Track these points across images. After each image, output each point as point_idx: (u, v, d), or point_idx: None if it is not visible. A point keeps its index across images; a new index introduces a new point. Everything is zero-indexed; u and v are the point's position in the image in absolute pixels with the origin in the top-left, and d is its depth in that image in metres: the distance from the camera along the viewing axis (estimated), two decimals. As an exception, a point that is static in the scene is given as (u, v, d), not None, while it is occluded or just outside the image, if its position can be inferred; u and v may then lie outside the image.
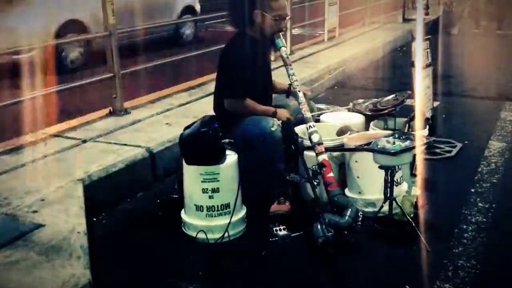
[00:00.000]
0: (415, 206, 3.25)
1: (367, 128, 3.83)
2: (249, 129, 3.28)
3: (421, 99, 3.83)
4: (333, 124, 3.75)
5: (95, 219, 3.31)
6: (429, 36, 4.56)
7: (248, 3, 3.39)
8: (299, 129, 3.46)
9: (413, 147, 3.04)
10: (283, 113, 3.47)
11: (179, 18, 9.50)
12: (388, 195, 3.05)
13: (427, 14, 11.57)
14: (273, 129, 3.22)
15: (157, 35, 8.84)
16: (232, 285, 2.73)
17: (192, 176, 3.12)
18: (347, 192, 3.36)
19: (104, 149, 3.86)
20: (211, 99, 3.70)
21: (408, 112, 3.88)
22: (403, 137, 3.11)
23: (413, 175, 3.57)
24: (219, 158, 3.09)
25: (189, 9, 9.76)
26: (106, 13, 4.57)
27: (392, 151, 2.95)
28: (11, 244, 2.67)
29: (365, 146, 3.12)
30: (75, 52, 7.48)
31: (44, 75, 6.29)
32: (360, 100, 4.17)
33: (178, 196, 3.34)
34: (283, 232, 3.06)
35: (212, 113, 3.55)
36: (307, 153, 3.31)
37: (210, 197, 3.09)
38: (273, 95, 3.75)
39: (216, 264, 2.87)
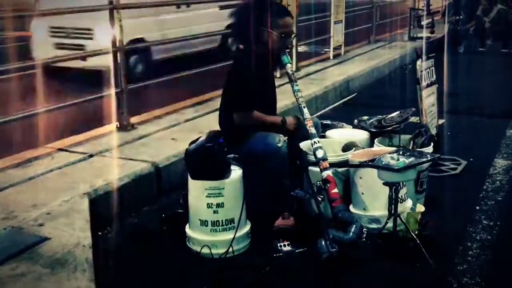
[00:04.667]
0: (420, 223, 3.24)
1: (371, 144, 3.84)
2: (256, 144, 3.31)
3: (425, 116, 3.86)
4: (338, 140, 3.77)
5: (100, 233, 3.32)
6: (434, 54, 4.59)
7: (254, 20, 3.44)
8: (304, 145, 3.48)
9: (418, 164, 3.05)
10: (292, 121, 3.49)
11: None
12: (393, 211, 3.05)
13: (432, 32, 11.63)
14: (279, 145, 3.24)
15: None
16: (236, 300, 2.73)
17: (197, 191, 3.14)
18: (351, 208, 3.36)
19: (110, 164, 3.88)
20: (216, 114, 3.73)
21: (412, 129, 3.89)
22: (408, 153, 3.13)
23: (417, 192, 3.57)
24: (224, 173, 3.11)
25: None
26: (114, 29, 4.63)
27: (396, 168, 2.96)
28: (17, 257, 2.68)
29: (370, 163, 3.13)
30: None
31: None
32: (365, 117, 4.19)
33: (183, 211, 3.35)
34: (287, 248, 3.06)
35: (217, 128, 3.58)
36: (312, 169, 3.33)
37: (215, 212, 3.10)
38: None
39: (220, 280, 2.86)
